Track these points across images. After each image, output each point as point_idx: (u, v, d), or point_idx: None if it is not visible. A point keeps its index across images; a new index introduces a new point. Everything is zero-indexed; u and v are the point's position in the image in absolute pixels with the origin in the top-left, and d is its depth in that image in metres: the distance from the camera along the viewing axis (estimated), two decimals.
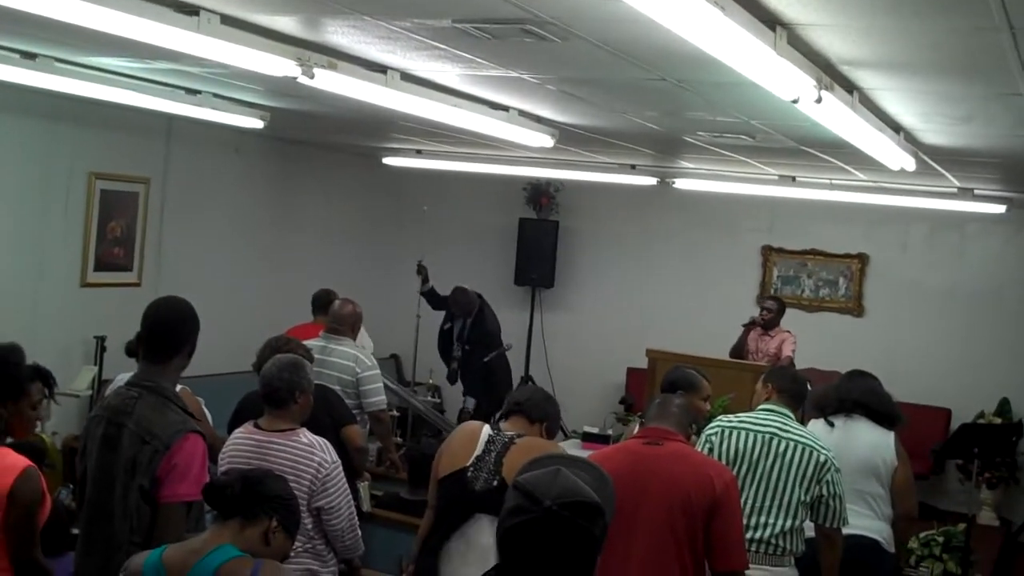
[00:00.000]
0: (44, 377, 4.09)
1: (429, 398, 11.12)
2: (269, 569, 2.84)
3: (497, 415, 4.72)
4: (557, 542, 2.24)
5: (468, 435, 4.51)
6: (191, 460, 3.58)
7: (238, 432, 4.66)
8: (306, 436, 4.55)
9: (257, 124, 7.77)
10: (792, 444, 4.76)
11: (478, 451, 4.40)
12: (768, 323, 9.27)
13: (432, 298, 9.97)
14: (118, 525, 3.58)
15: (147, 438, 3.56)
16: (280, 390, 4.56)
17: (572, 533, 2.25)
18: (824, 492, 4.69)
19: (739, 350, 9.26)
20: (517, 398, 4.61)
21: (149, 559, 2.88)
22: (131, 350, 4.05)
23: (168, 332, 3.78)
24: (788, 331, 9.27)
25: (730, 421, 5.00)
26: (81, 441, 3.80)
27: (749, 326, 9.36)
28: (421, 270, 9.87)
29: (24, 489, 3.66)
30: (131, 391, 3.69)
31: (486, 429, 4.49)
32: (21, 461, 3.76)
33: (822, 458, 4.72)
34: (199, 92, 7.00)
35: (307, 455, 4.47)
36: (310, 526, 4.49)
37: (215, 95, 7.08)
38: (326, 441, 4.62)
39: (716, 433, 4.92)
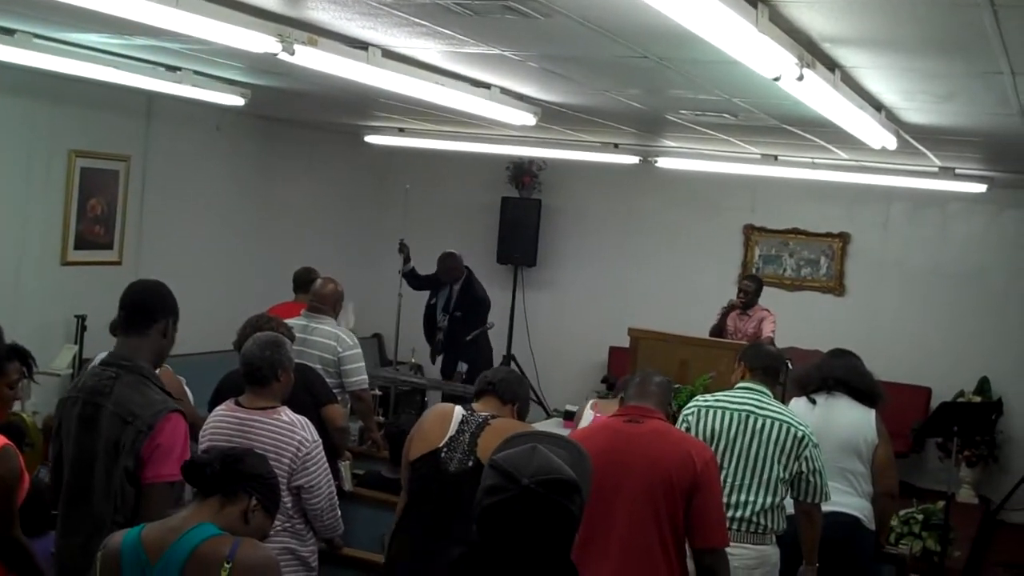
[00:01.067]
0: (22, 356, 4.05)
1: (413, 377, 11.13)
2: (247, 547, 2.81)
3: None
4: (535, 519, 2.26)
5: (440, 416, 4.49)
6: (174, 440, 3.57)
7: (219, 410, 4.65)
8: (287, 414, 4.54)
9: (238, 102, 7.73)
10: (769, 421, 4.77)
11: (451, 432, 4.38)
12: (747, 303, 9.28)
13: (413, 279, 9.92)
14: (99, 505, 3.56)
15: (128, 418, 3.54)
16: (261, 368, 4.55)
17: (550, 510, 2.26)
18: (804, 468, 4.71)
19: (719, 332, 9.26)
20: (490, 378, 4.58)
21: (127, 537, 2.86)
22: (115, 329, 4.03)
23: (143, 305, 3.76)
24: (767, 310, 9.28)
25: (707, 401, 5.00)
26: (55, 422, 3.76)
27: (727, 310, 9.35)
28: (403, 248, 9.80)
29: (1, 468, 3.65)
30: (108, 371, 3.66)
31: (458, 410, 4.47)
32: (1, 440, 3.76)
33: (799, 434, 4.74)
34: (179, 69, 6.95)
35: (288, 433, 4.47)
36: (290, 505, 4.48)
37: (195, 72, 7.03)
38: (307, 420, 4.61)
39: (692, 413, 4.92)
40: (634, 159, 10.10)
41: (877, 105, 5.65)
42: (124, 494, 3.54)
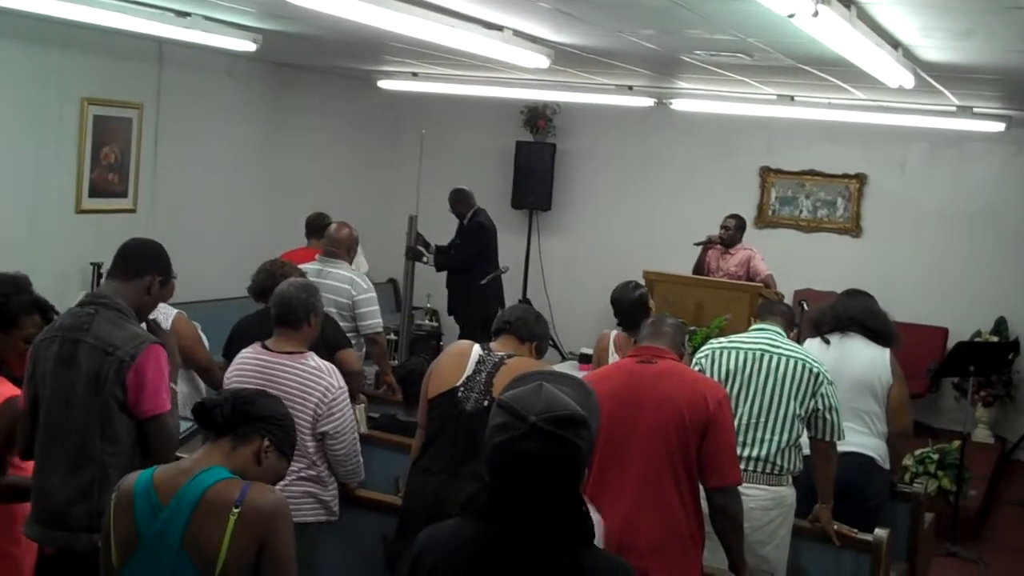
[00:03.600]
0: (43, 310, 4.05)
1: (427, 322, 11.16)
2: (256, 491, 2.79)
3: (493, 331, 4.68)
4: (544, 456, 2.27)
5: (458, 355, 4.50)
6: (159, 371, 3.62)
7: (246, 352, 4.65)
8: (314, 360, 4.55)
9: (249, 47, 7.67)
10: (784, 359, 4.77)
11: (468, 371, 4.40)
12: (728, 241, 9.21)
13: (445, 257, 9.57)
14: (81, 441, 3.57)
15: (109, 350, 3.56)
16: (297, 310, 4.57)
17: (558, 446, 2.27)
18: (820, 405, 4.71)
19: (700, 269, 9.21)
20: (507, 317, 4.59)
21: (140, 479, 2.85)
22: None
23: (134, 255, 3.80)
24: (751, 247, 9.23)
25: (720, 343, 5.02)
26: (30, 364, 3.73)
27: (707, 244, 9.28)
28: (411, 252, 8.97)
29: (4, 420, 3.72)
30: (85, 309, 3.68)
31: (476, 349, 4.48)
32: (8, 390, 3.80)
33: (815, 370, 4.74)
34: (189, 14, 6.91)
35: (315, 378, 4.47)
36: (312, 450, 4.50)
37: (205, 18, 6.98)
38: (333, 366, 4.62)
39: (706, 356, 4.93)
40: (649, 101, 10.03)
41: (894, 42, 5.58)
42: (115, 426, 3.57)
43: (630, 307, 5.66)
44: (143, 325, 3.81)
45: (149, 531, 2.76)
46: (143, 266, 3.77)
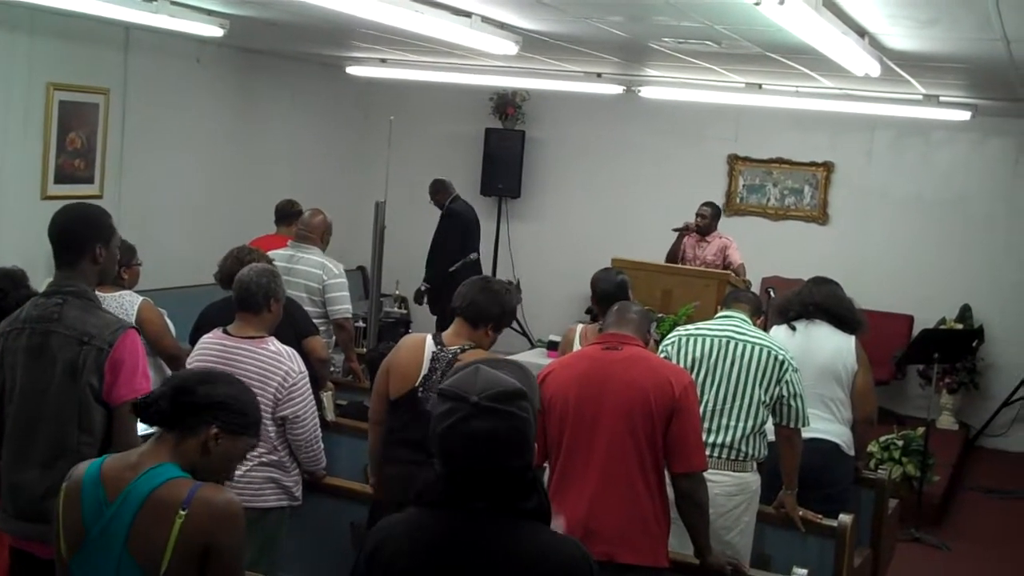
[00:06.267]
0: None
1: (396, 309, 11.12)
2: (206, 493, 2.67)
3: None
4: (493, 431, 2.31)
5: (412, 351, 4.52)
6: (136, 356, 3.58)
7: (207, 338, 4.67)
8: (274, 344, 4.57)
9: (217, 32, 7.62)
10: (749, 346, 4.80)
11: (424, 370, 4.43)
12: (704, 228, 9.25)
13: (429, 271, 10.06)
14: (58, 432, 3.53)
15: (84, 339, 3.51)
16: (256, 295, 4.58)
17: (503, 419, 2.32)
18: (784, 392, 4.74)
19: (673, 256, 9.24)
20: (456, 302, 4.57)
21: (89, 470, 2.76)
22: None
23: (66, 239, 3.69)
24: (726, 236, 9.27)
25: (687, 330, 5.04)
26: None
27: (683, 231, 9.32)
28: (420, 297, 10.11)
29: None
30: (52, 299, 3.62)
31: (429, 343, 4.50)
32: None
33: (780, 357, 4.76)
34: None
35: (275, 363, 4.49)
36: (273, 435, 4.51)
37: (172, 2, 6.92)
38: (294, 351, 4.64)
39: (672, 343, 4.95)
40: (617, 89, 10.04)
41: (860, 30, 5.60)
42: (91, 415, 3.53)
43: (614, 290, 5.59)
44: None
45: (95, 526, 2.68)
46: (80, 246, 3.67)
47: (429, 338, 4.52)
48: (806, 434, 4.91)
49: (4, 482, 3.65)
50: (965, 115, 8.96)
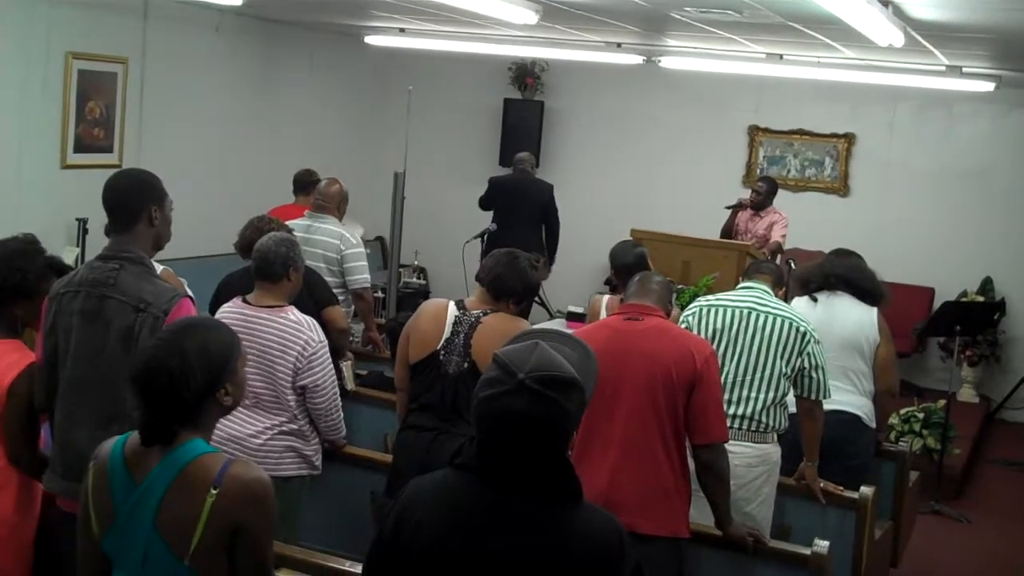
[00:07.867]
0: (59, 271, 4.01)
1: (415, 280, 11.15)
2: (238, 469, 2.63)
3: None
4: (529, 414, 2.27)
5: (434, 314, 4.50)
6: None
7: (227, 307, 4.68)
8: (294, 314, 4.56)
9: (235, 1, 7.63)
10: (771, 317, 4.77)
11: (447, 333, 4.41)
12: (759, 204, 9.23)
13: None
14: (111, 395, 3.51)
15: (141, 306, 3.51)
16: (275, 264, 4.58)
17: (544, 405, 2.27)
18: (806, 364, 4.71)
19: (728, 231, 9.25)
20: (481, 274, 4.56)
21: (114, 452, 2.72)
22: (108, 232, 4.00)
23: (121, 204, 3.71)
24: (779, 212, 9.23)
25: (708, 300, 5.01)
26: (49, 317, 3.67)
27: (736, 208, 9.32)
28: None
29: (22, 385, 3.67)
30: (109, 263, 3.62)
31: (451, 308, 4.47)
32: (28, 358, 3.75)
33: (802, 328, 4.73)
34: None
35: (295, 332, 4.49)
36: (293, 404, 4.51)
37: None
38: (313, 320, 4.63)
39: (693, 313, 4.92)
40: (637, 59, 9.99)
41: (884, 0, 5.55)
42: None
43: (633, 262, 5.56)
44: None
45: (124, 506, 2.65)
46: (136, 211, 3.68)
47: (451, 303, 4.51)
48: (828, 406, 4.88)
49: (56, 441, 3.66)
50: (989, 86, 8.89)
